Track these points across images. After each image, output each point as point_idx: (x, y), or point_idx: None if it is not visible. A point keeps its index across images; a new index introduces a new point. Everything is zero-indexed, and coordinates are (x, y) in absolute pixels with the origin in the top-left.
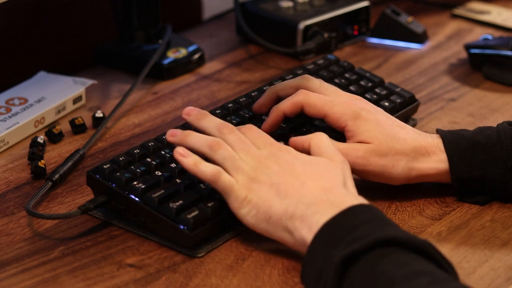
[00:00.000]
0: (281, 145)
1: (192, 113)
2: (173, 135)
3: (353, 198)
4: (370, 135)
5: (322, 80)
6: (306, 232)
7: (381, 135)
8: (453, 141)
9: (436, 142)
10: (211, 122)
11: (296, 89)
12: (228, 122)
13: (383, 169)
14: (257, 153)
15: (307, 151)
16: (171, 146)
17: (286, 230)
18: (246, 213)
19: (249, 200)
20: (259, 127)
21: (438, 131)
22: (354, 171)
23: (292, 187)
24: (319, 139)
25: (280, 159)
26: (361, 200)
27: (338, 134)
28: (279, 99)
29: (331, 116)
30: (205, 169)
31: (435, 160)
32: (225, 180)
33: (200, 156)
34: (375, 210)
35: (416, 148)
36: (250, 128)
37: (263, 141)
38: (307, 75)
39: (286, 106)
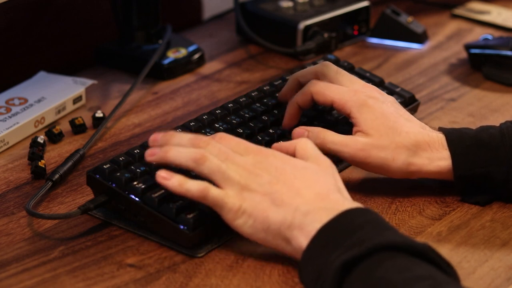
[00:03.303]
0: (263, 149)
1: (158, 139)
2: (152, 154)
3: (349, 203)
4: (372, 125)
5: (341, 69)
6: (303, 240)
7: (383, 127)
8: (456, 138)
9: (440, 138)
10: (182, 139)
11: (315, 74)
12: (228, 122)
13: (382, 162)
14: (242, 161)
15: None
16: None
17: (284, 239)
18: (243, 223)
19: (244, 210)
20: (259, 126)
21: (441, 129)
22: (354, 163)
23: (287, 195)
24: (304, 144)
25: (270, 166)
26: (357, 205)
27: (346, 126)
28: (301, 85)
29: (337, 102)
30: (191, 188)
31: (436, 157)
32: (214, 194)
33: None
34: (372, 213)
35: (418, 143)
36: (224, 137)
37: (243, 147)
38: (327, 62)
39: (298, 97)
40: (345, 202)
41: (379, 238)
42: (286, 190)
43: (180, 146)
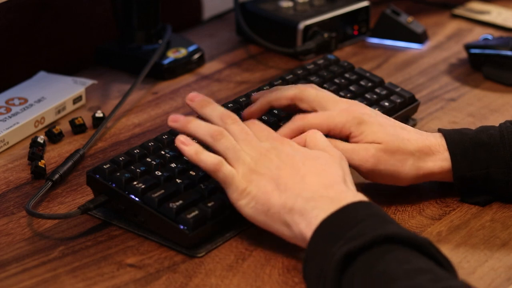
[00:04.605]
0: (283, 138)
1: (196, 99)
2: (175, 120)
3: (352, 195)
4: (376, 137)
5: (317, 87)
6: (305, 226)
7: (387, 136)
8: (455, 139)
9: (439, 141)
10: (214, 110)
11: (291, 100)
12: None
13: (393, 168)
14: (258, 145)
15: None
16: (171, 146)
17: (284, 224)
18: (245, 204)
19: (249, 191)
20: None
21: (441, 130)
22: (364, 172)
23: (292, 180)
24: (313, 136)
25: (282, 153)
26: (361, 197)
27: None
28: (272, 108)
29: (334, 129)
30: (206, 159)
31: (439, 159)
32: (226, 171)
33: (201, 144)
34: (375, 207)
35: (420, 148)
36: (254, 122)
37: (266, 134)
38: (300, 85)
39: (286, 133)
40: (348, 193)
41: (380, 230)
42: (292, 175)
43: (209, 119)
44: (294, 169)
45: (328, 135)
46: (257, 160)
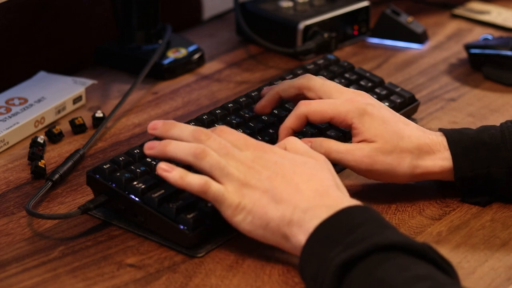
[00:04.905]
0: (262, 144)
1: (158, 126)
2: (151, 147)
3: (348, 200)
4: (376, 133)
5: (324, 78)
6: (302, 237)
7: (387, 133)
8: (457, 139)
9: (440, 139)
10: (183, 130)
11: (298, 88)
12: (228, 122)
13: (388, 167)
14: (242, 156)
15: None
16: None
17: (283, 236)
18: (241, 220)
19: (243, 206)
20: (259, 126)
21: (442, 130)
22: (360, 171)
23: (286, 191)
24: (293, 143)
25: (268, 162)
26: (356, 202)
27: (342, 134)
28: (281, 99)
29: (337, 117)
30: (192, 182)
31: (439, 158)
32: (215, 189)
33: (182, 165)
34: (372, 211)
35: (420, 146)
36: (225, 130)
37: (243, 142)
38: (308, 75)
39: (291, 121)
40: (344, 199)
41: (379, 237)
42: (285, 185)
43: (179, 141)
44: (286, 179)
45: (330, 124)
46: (246, 173)
